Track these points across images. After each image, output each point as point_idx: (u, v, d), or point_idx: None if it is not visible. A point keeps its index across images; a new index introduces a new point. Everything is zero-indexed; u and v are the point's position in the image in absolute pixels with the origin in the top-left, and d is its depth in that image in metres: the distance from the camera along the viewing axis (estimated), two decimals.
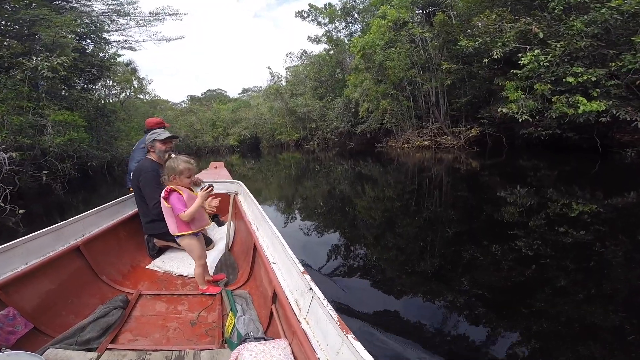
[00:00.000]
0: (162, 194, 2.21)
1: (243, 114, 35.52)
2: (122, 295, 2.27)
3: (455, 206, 6.11)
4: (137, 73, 24.20)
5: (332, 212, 6.56)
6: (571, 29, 9.68)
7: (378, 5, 19.27)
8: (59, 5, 15.68)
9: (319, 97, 27.64)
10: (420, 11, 17.72)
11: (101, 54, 17.09)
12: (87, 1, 17.13)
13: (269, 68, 45.78)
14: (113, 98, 22.06)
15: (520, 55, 10.53)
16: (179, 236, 2.30)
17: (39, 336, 1.81)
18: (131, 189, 3.24)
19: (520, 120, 10.78)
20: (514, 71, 10.74)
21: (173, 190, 2.19)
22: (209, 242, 3.14)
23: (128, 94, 23.24)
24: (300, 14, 27.88)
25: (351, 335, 1.03)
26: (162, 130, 3.09)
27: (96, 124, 16.02)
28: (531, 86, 10.70)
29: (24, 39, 12.37)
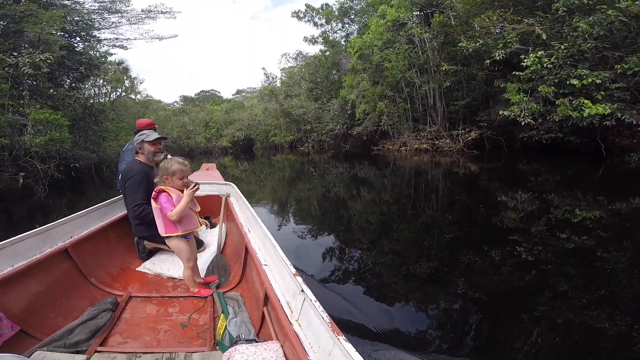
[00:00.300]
0: (152, 194, 2.25)
1: (237, 115, 35.57)
2: (112, 297, 2.29)
3: (454, 211, 6.13)
4: (129, 72, 24.14)
5: (326, 215, 6.59)
6: (575, 30, 9.73)
7: (376, 6, 19.41)
8: (48, 2, 15.61)
9: (314, 98, 27.72)
10: (418, 12, 17.89)
11: (92, 53, 17.00)
12: None
13: (263, 69, 46.23)
14: (103, 98, 21.96)
15: (522, 56, 10.57)
16: (167, 237, 2.33)
17: (26, 339, 1.81)
18: (120, 191, 3.25)
19: (522, 123, 10.80)
20: (516, 73, 10.76)
21: (162, 191, 2.23)
22: (200, 244, 3.17)
23: (119, 93, 23.15)
24: (297, 14, 27.99)
25: (342, 337, 1.05)
26: (150, 131, 3.11)
27: (84, 123, 15.92)
28: (533, 88, 10.74)
29: (10, 35, 12.28)
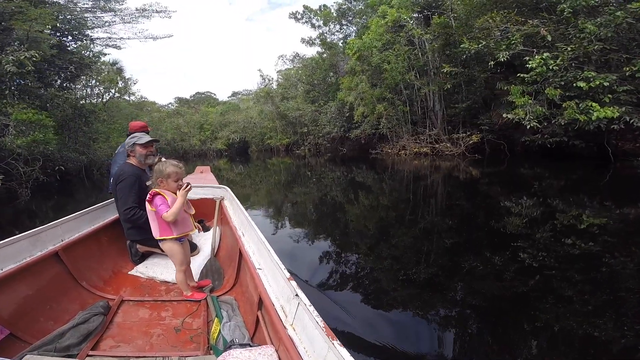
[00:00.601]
0: (147, 197, 2.28)
1: (232, 117, 35.78)
2: (103, 301, 2.31)
3: (455, 215, 6.15)
4: (122, 73, 24.19)
5: (322, 219, 6.62)
6: (582, 31, 9.78)
7: (376, 7, 19.59)
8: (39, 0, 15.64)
9: (311, 101, 27.92)
10: (417, 14, 18.08)
11: (85, 52, 16.98)
12: None
13: (259, 71, 46.49)
14: (96, 98, 21.94)
15: (527, 58, 10.61)
16: (161, 240, 2.36)
17: (15, 342, 1.83)
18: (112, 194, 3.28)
19: (528, 126, 10.81)
20: (521, 75, 10.78)
21: (157, 194, 2.27)
22: (193, 248, 3.20)
23: (112, 94, 23.16)
24: (294, 16, 28.24)
25: (337, 341, 1.07)
26: (142, 133, 3.15)
27: (74, 124, 15.85)
28: (538, 91, 10.77)
29: None
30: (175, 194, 2.34)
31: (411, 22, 17.02)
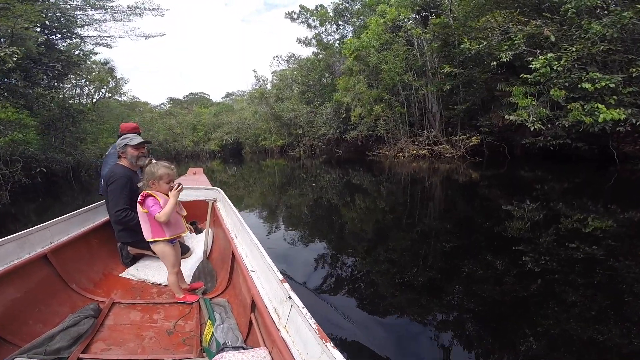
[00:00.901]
0: (138, 199, 2.31)
1: (226, 118, 35.87)
2: (94, 303, 2.32)
3: (454, 219, 6.19)
4: (114, 73, 24.16)
5: (317, 222, 6.65)
6: (586, 32, 9.85)
7: (374, 6, 19.70)
8: None
9: (306, 102, 28.04)
10: (415, 15, 18.23)
11: (76, 51, 16.90)
12: None
13: (254, 71, 46.59)
14: (85, 98, 21.85)
15: (531, 59, 10.66)
16: (153, 242, 2.39)
17: (4, 345, 1.85)
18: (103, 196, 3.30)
19: (532, 128, 10.85)
20: (524, 76, 10.82)
21: (149, 195, 2.30)
22: (185, 250, 3.23)
23: (103, 94, 23.10)
24: (290, 16, 28.37)
25: (330, 344, 1.10)
26: (134, 135, 3.18)
27: (61, 124, 15.77)
28: (541, 92, 10.82)
29: None
30: (167, 195, 2.37)
31: (410, 21, 17.16)
